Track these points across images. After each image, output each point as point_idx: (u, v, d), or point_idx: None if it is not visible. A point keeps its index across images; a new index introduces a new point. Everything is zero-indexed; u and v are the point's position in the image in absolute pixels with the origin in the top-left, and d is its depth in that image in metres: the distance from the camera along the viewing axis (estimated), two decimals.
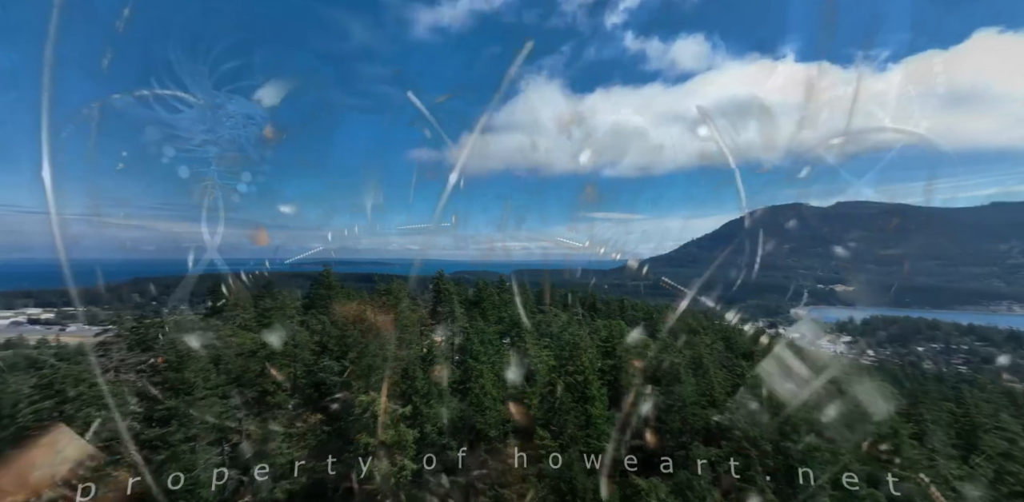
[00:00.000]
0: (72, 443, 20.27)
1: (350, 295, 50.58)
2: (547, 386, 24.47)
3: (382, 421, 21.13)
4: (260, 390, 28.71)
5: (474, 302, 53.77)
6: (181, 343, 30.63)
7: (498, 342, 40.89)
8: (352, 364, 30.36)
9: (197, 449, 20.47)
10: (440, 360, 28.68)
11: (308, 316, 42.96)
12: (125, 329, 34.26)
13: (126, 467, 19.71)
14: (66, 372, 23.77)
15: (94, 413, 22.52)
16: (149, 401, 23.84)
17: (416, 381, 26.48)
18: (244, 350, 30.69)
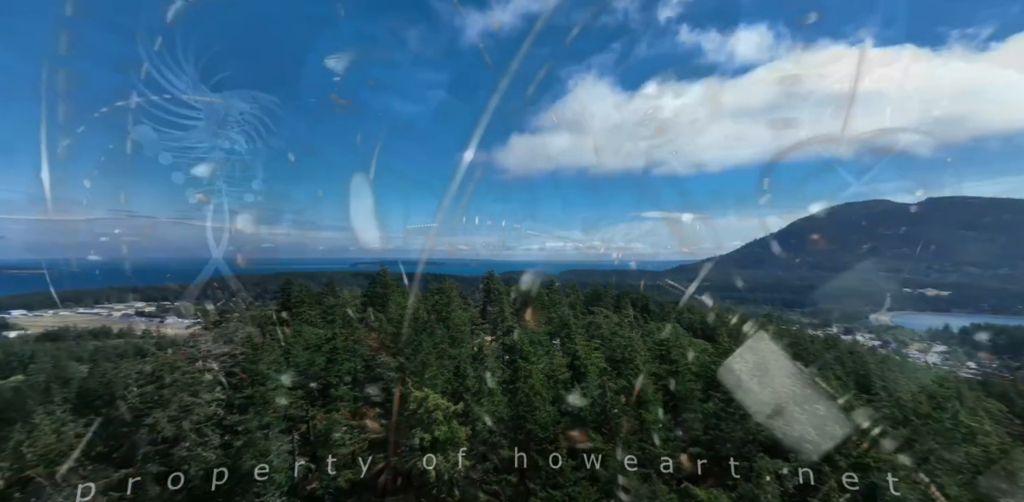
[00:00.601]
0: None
1: (404, 294, 52.69)
2: (598, 388, 24.00)
3: (435, 417, 21.75)
4: (324, 383, 30.54)
5: (524, 302, 53.91)
6: (256, 337, 33.42)
7: (547, 342, 40.73)
8: (407, 361, 31.55)
9: (270, 436, 22.09)
10: (490, 359, 29.03)
11: (366, 313, 45.16)
12: (210, 323, 37.98)
13: (212, 450, 21.67)
14: (163, 360, 26.59)
15: (186, 398, 25.04)
16: (230, 389, 26.22)
17: (467, 379, 27.02)
18: (310, 344, 32.84)
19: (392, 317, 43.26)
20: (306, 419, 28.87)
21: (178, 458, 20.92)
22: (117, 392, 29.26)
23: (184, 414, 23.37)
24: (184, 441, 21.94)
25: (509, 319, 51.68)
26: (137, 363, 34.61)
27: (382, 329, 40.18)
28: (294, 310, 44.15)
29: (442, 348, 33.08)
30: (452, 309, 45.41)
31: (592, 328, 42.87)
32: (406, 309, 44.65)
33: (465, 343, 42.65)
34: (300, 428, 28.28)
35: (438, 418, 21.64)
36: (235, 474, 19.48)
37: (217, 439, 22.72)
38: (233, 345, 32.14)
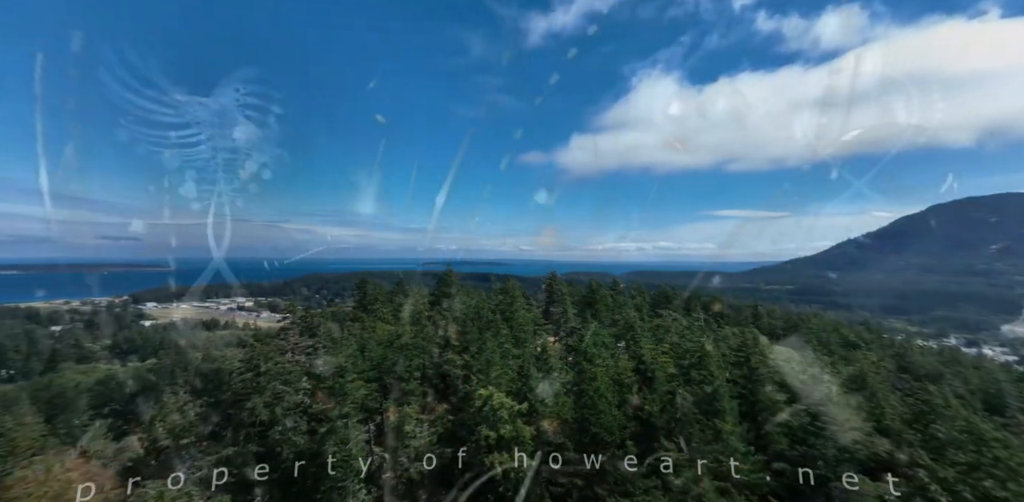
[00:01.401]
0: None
1: (469, 293, 54.15)
2: (668, 394, 22.86)
3: (501, 416, 22.03)
4: (396, 377, 32.24)
5: (587, 303, 52.98)
6: (335, 331, 36.12)
7: (613, 345, 39.64)
8: (472, 359, 32.31)
9: (349, 425, 23.71)
10: (554, 360, 28.85)
11: (434, 312, 47.03)
12: (297, 317, 41.77)
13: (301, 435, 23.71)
14: (260, 351, 29.57)
15: (278, 386, 27.70)
16: (315, 379, 28.54)
17: (531, 379, 27.08)
18: (382, 340, 34.83)
19: (458, 316, 44.65)
20: (380, 411, 30.65)
21: (272, 440, 23.17)
22: (223, 378, 33.14)
23: (276, 401, 25.81)
24: (277, 425, 24.26)
25: (572, 320, 51.04)
26: (238, 352, 38.98)
27: (448, 327, 41.56)
28: (368, 307, 47.17)
29: (506, 348, 33.46)
30: (515, 309, 45.80)
31: (660, 331, 41.03)
32: (471, 308, 45.92)
33: (528, 343, 42.81)
34: (375, 419, 30.09)
35: (503, 417, 21.90)
36: (319, 458, 21.14)
37: (304, 425, 24.86)
38: (316, 339, 34.85)
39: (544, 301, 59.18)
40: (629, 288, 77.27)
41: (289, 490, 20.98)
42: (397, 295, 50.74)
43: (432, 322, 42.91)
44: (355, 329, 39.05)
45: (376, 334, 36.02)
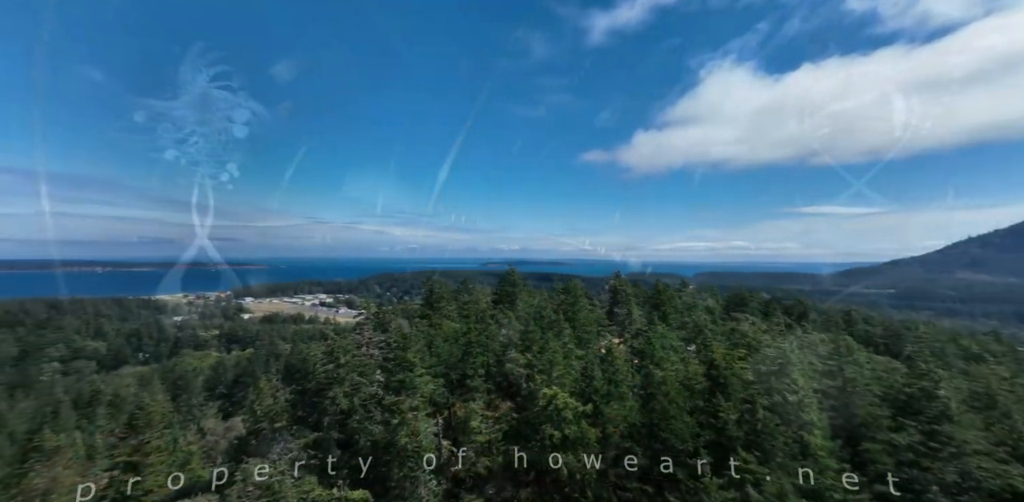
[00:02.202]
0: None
1: (531, 293, 54.36)
2: (745, 403, 21.24)
3: (565, 416, 21.88)
4: (461, 374, 33.21)
5: (653, 305, 50.89)
6: (405, 327, 37.99)
7: (681, 348, 37.69)
8: (534, 358, 32.38)
9: (419, 418, 24.86)
10: (619, 362, 28.05)
11: (497, 311, 47.83)
12: (371, 314, 44.57)
13: (375, 424, 25.26)
14: (339, 344, 31.94)
15: (355, 377, 29.78)
16: (387, 373, 30.28)
17: (595, 381, 26.57)
18: (448, 337, 36.05)
19: (520, 315, 45.01)
20: (447, 406, 31.74)
21: (351, 428, 24.96)
22: (308, 368, 36.28)
23: (354, 391, 27.75)
24: (355, 414, 26.09)
25: (638, 322, 49.32)
26: (320, 345, 42.51)
27: (511, 326, 42.03)
28: (435, 305, 49.07)
29: (569, 348, 33.14)
30: (578, 309, 45.19)
31: (734, 335, 38.29)
32: (533, 307, 46.07)
33: (592, 344, 42.02)
34: (443, 414, 31.23)
35: (567, 417, 21.73)
36: (392, 448, 22.41)
37: (379, 415, 26.49)
38: (388, 334, 36.88)
39: (608, 302, 57.77)
40: (699, 289, 73.13)
41: (366, 475, 22.46)
42: (461, 294, 52.23)
43: (495, 321, 43.65)
44: (423, 326, 40.79)
45: (442, 331, 37.33)
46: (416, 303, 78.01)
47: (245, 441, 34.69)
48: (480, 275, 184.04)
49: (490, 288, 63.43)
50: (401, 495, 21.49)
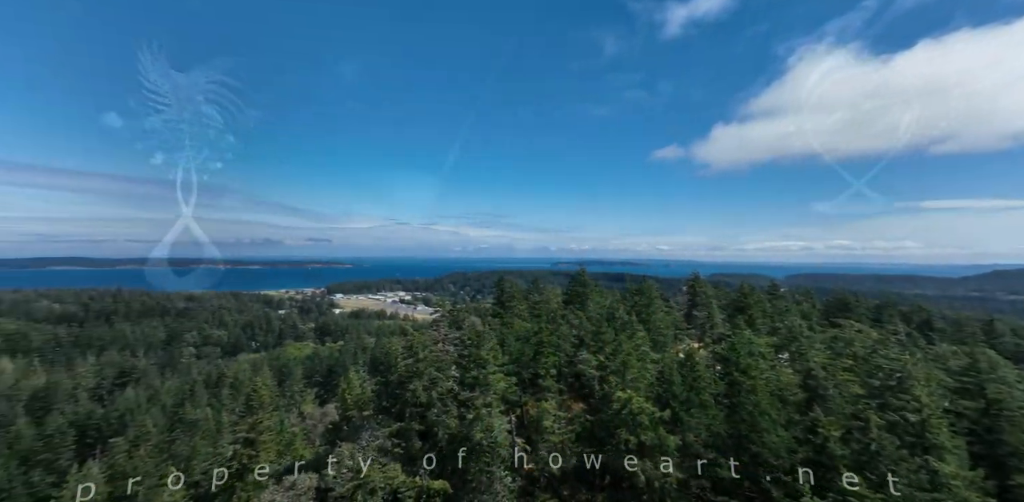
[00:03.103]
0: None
1: (603, 294, 53.15)
2: (854, 419, 18.78)
3: (641, 421, 21.08)
4: (533, 373, 33.45)
5: (738, 308, 47.15)
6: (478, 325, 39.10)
7: (771, 356, 34.46)
8: (607, 360, 31.60)
9: (493, 414, 25.46)
10: (700, 368, 26.37)
11: (567, 311, 47.46)
12: (446, 311, 46.59)
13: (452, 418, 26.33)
14: (417, 340, 33.77)
15: (433, 372, 31.30)
16: (462, 369, 31.42)
17: (673, 386, 25.26)
18: (520, 336, 36.48)
19: (591, 315, 44.20)
20: (520, 404, 32.16)
21: (430, 421, 26.27)
22: (391, 361, 38.81)
23: (432, 385, 29.17)
24: (433, 407, 27.43)
25: (720, 326, 46.03)
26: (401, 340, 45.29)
27: (582, 327, 41.45)
28: (506, 304, 49.96)
29: (643, 350, 31.90)
30: (653, 311, 43.32)
31: (836, 344, 34.13)
32: (605, 308, 44.99)
33: (668, 347, 40.05)
34: (515, 412, 31.70)
35: (643, 422, 20.91)
36: (469, 442, 23.20)
37: (455, 410, 27.58)
38: (462, 332, 38.24)
39: (686, 304, 54.66)
40: (792, 292, 66.54)
41: (444, 467, 23.51)
42: (532, 293, 52.58)
43: (566, 321, 43.34)
44: (495, 324, 41.72)
45: (514, 330, 37.87)
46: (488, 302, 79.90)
47: (338, 426, 38.07)
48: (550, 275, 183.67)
49: (560, 288, 63.10)
50: (478, 489, 22.19)
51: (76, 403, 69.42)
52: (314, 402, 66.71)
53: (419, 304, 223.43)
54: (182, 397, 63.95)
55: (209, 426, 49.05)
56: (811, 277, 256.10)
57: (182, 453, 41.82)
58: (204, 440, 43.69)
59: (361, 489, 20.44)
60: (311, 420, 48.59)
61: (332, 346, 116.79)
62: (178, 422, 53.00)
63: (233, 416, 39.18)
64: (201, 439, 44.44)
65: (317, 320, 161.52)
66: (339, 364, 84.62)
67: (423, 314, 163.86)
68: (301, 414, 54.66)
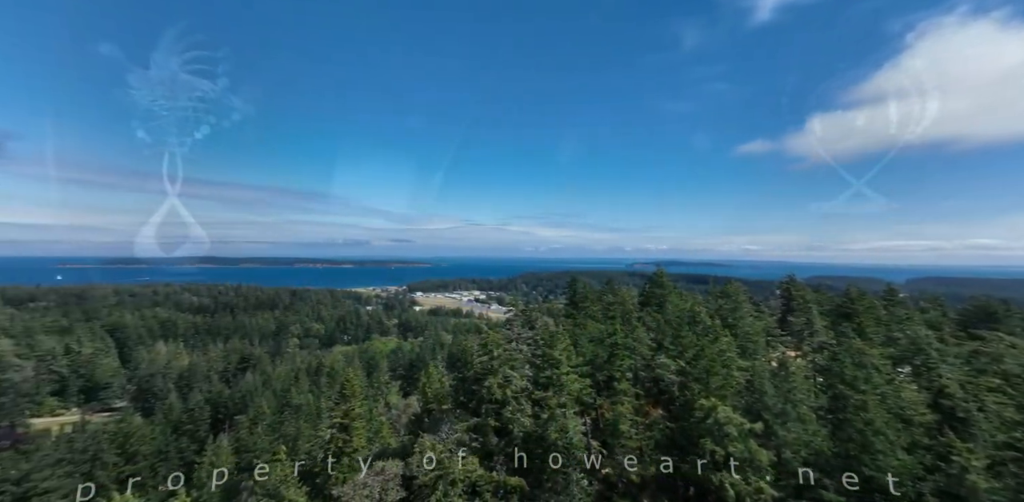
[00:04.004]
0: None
1: (683, 296, 50.21)
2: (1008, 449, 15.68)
3: (728, 432, 19.60)
4: (607, 375, 32.64)
5: (844, 314, 41.88)
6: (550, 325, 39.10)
7: (887, 370, 30.05)
8: (688, 365, 29.84)
9: (567, 415, 25.31)
10: (797, 379, 23.84)
11: (644, 313, 45.59)
12: (519, 311, 47.23)
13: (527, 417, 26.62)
14: (492, 338, 34.55)
15: (507, 370, 31.91)
16: (535, 368, 31.65)
17: (765, 396, 23.13)
18: (593, 338, 35.78)
19: (670, 318, 42.01)
20: (595, 406, 31.56)
21: (505, 418, 26.82)
22: (466, 358, 40.27)
23: (506, 383, 29.76)
24: (508, 405, 27.97)
25: (822, 333, 41.22)
26: (476, 338, 46.81)
27: (660, 329, 39.59)
28: (579, 305, 49.31)
29: (729, 357, 29.63)
30: (740, 315, 40.09)
31: (980, 359, 28.81)
32: (685, 311, 42.46)
33: (758, 355, 36.82)
34: (590, 414, 31.17)
35: (731, 433, 19.41)
36: (543, 442, 23.32)
37: (529, 409, 27.87)
38: (535, 331, 38.47)
39: (780, 309, 49.75)
40: (915, 298, 57.62)
41: (520, 464, 23.87)
42: (606, 294, 51.27)
43: (643, 323, 41.67)
44: (567, 325, 41.38)
45: (587, 331, 37.28)
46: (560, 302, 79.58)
47: (419, 418, 40.38)
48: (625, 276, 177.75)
49: (636, 289, 60.80)
50: (554, 489, 22.21)
51: (210, 383, 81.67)
52: (398, 393, 71.39)
53: (493, 303, 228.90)
54: (289, 383, 72.24)
55: (311, 410, 54.87)
56: (940, 281, 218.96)
57: (290, 433, 47.26)
58: (307, 423, 48.96)
59: (442, 480, 21.47)
60: (396, 410, 52.05)
61: (413, 342, 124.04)
62: (286, 405, 60.00)
63: (329, 403, 43.32)
64: (304, 422, 49.87)
65: (400, 316, 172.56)
66: (419, 359, 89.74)
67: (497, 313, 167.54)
68: (387, 404, 58.79)
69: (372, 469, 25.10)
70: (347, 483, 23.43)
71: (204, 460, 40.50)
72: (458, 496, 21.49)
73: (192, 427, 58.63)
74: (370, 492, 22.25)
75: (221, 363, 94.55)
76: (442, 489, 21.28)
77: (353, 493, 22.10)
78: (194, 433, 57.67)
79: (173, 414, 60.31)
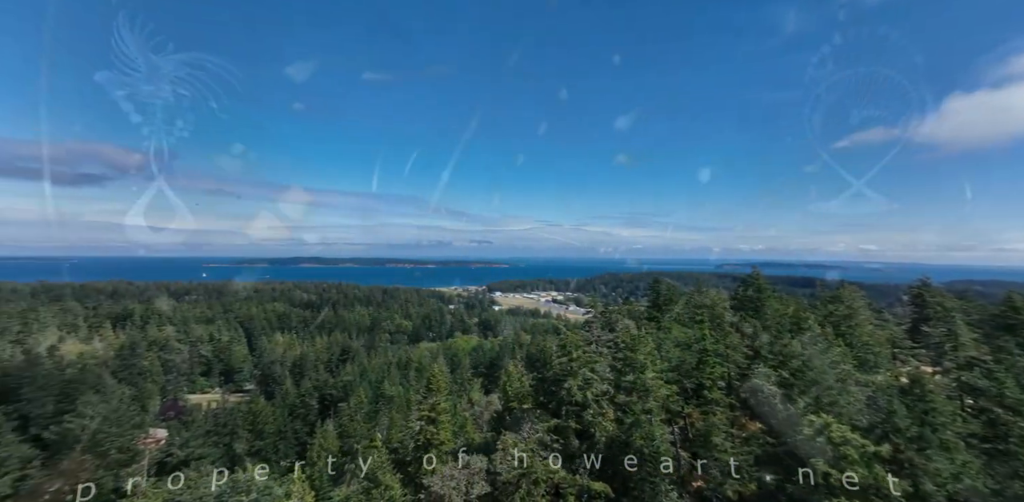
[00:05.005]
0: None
1: (783, 299, 45.36)
2: None
3: (845, 453, 17.24)
4: (696, 383, 30.59)
5: (1003, 326, 34.84)
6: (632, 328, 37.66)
7: None
8: (792, 376, 26.93)
9: (653, 422, 24.19)
10: (937, 399, 20.22)
11: (737, 318, 42.04)
12: (598, 313, 46.17)
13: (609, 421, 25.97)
14: (571, 339, 34.27)
15: (587, 373, 31.37)
16: (616, 372, 30.71)
17: (894, 417, 19.96)
18: (680, 342, 33.77)
19: (768, 324, 38.19)
20: (683, 415, 29.80)
21: (586, 421, 26.40)
22: (545, 358, 40.34)
23: (586, 385, 29.27)
24: (589, 408, 27.49)
25: (968, 347, 34.61)
26: (554, 339, 46.68)
27: (756, 336, 36.21)
28: (663, 307, 46.86)
29: (844, 369, 26.14)
30: (857, 323, 35.30)
31: None
32: (786, 317, 38.29)
33: (881, 368, 32.00)
34: (678, 422, 29.49)
35: (849, 455, 17.02)
36: (628, 448, 22.54)
37: (611, 413, 27.11)
38: (616, 334, 37.32)
39: (909, 317, 42.81)
40: None
41: (604, 469, 23.35)
42: (693, 296, 48.13)
43: (736, 329, 38.39)
44: (650, 328, 39.59)
45: (672, 335, 35.35)
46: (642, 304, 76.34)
47: (501, 416, 41.32)
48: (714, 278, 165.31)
49: (726, 292, 56.29)
50: (641, 498, 21.38)
51: (317, 372, 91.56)
52: (480, 390, 73.83)
53: (571, 304, 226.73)
54: (382, 375, 78.41)
55: (401, 402, 59.01)
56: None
57: (384, 423, 51.29)
58: (398, 414, 52.71)
59: (525, 479, 21.77)
60: (478, 407, 53.88)
61: (493, 340, 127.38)
62: (380, 396, 65.23)
63: (418, 396, 46.21)
64: (396, 413, 53.75)
65: (480, 315, 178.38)
66: (499, 357, 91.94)
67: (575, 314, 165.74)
68: (470, 400, 61.11)
69: (458, 462, 26.25)
70: (435, 474, 24.75)
71: (315, 442, 45.59)
72: (541, 496, 21.62)
73: (304, 411, 66.28)
74: (457, 485, 23.25)
75: (326, 354, 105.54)
76: (525, 488, 21.57)
77: (441, 484, 23.26)
78: (305, 416, 65.13)
79: (289, 398, 68.71)
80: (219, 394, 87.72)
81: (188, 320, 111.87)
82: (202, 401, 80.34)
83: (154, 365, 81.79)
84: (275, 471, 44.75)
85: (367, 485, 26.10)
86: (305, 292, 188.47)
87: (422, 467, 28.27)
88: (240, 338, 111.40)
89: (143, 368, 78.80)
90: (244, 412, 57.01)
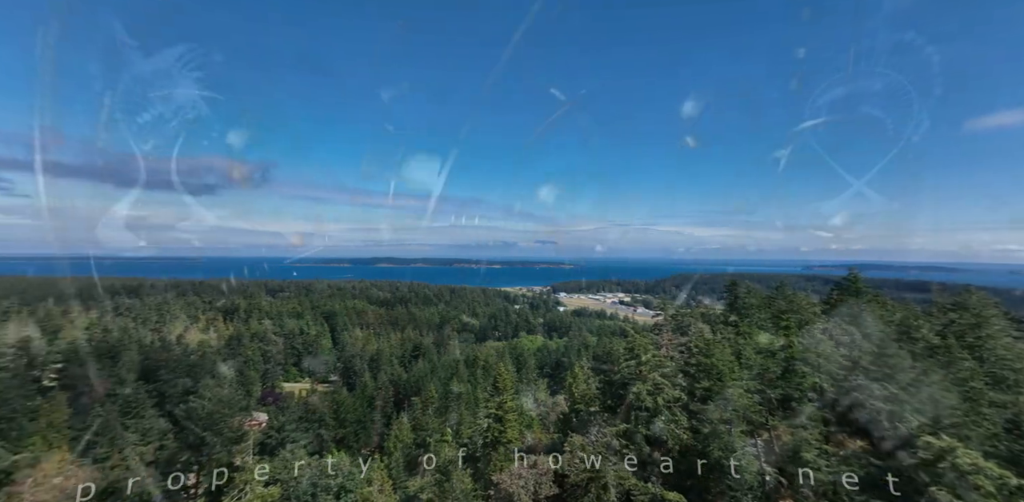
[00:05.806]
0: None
1: (888, 305, 40.06)
2: None
3: (977, 483, 14.80)
4: (782, 393, 28.08)
5: None
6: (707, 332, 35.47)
7: None
8: (901, 391, 23.71)
9: (733, 433, 22.58)
10: None
11: (830, 324, 37.85)
12: (669, 316, 43.95)
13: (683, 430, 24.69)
14: (639, 342, 33.08)
15: (657, 377, 30.08)
16: (690, 378, 29.07)
17: None
18: (762, 349, 31.18)
19: (869, 332, 33.94)
20: (767, 427, 27.52)
21: (658, 428, 25.31)
22: (612, 361, 39.27)
23: (657, 391, 28.04)
24: (660, 415, 26.32)
25: None
26: (622, 341, 45.26)
27: (855, 345, 32.35)
28: (741, 311, 43.52)
29: (973, 387, 22.49)
30: (988, 334, 30.33)
31: None
32: (894, 325, 33.78)
33: (1023, 387, 27.07)
34: (761, 435, 27.29)
35: (982, 487, 14.57)
36: (705, 459, 21.28)
37: (685, 421, 25.73)
38: (688, 338, 35.37)
39: None
40: None
41: (679, 479, 22.25)
42: (776, 300, 44.12)
43: (830, 336, 34.57)
44: (727, 333, 37.00)
45: (753, 341, 32.73)
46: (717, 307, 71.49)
47: (567, 417, 40.99)
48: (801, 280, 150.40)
49: (816, 296, 50.99)
50: None
51: (392, 366, 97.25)
52: (546, 390, 73.81)
53: (639, 306, 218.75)
54: (451, 372, 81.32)
55: (469, 399, 60.84)
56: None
57: (453, 418, 53.21)
58: (467, 410, 54.39)
59: (594, 482, 21.40)
60: (544, 407, 53.91)
61: (558, 341, 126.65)
62: (449, 393, 67.75)
63: (485, 394, 47.30)
64: (464, 409, 55.51)
65: (545, 316, 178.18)
66: (565, 358, 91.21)
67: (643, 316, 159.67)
68: (536, 400, 61.36)
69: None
70: (504, 471, 25.15)
71: (391, 433, 48.51)
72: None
73: (381, 403, 70.79)
74: (525, 484, 23.45)
75: (399, 350, 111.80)
76: (594, 492, 21.20)
77: (510, 481, 23.61)
78: (382, 408, 69.53)
79: (367, 391, 73.75)
80: (308, 384, 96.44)
81: (282, 315, 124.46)
82: (295, 389, 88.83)
83: (255, 355, 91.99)
84: (356, 458, 48.31)
85: (439, 478, 27.20)
86: (380, 290, 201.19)
87: (491, 463, 28.89)
88: (325, 332, 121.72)
89: (247, 357, 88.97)
90: (330, 401, 62.23)
